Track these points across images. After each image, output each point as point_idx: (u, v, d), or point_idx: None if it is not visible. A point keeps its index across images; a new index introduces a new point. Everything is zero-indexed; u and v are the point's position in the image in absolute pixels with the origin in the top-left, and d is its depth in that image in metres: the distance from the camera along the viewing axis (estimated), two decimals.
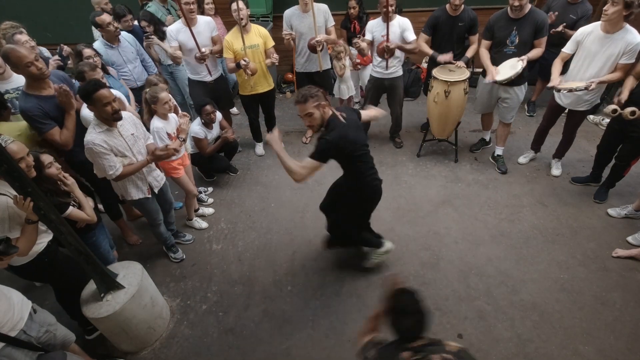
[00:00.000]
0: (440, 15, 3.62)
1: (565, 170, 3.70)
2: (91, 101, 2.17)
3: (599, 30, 2.84)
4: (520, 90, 3.42)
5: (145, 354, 2.47)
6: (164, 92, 2.82)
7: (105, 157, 2.26)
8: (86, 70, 2.66)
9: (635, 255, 2.78)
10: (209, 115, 3.44)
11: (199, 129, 3.45)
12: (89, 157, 2.31)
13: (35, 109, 2.38)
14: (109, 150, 2.27)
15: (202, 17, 3.62)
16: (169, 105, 2.85)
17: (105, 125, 2.28)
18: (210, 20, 3.70)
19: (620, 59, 2.80)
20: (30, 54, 2.32)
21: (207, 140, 3.51)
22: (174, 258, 3.07)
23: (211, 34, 3.63)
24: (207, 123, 3.49)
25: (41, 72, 2.37)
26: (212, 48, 3.61)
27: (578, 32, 2.98)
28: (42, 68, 2.38)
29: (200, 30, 3.47)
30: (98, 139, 2.23)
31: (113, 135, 2.32)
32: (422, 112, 4.62)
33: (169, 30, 3.54)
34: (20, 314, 1.81)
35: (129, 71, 3.62)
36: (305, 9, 3.60)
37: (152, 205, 2.73)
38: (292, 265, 2.99)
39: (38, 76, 2.38)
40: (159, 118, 2.85)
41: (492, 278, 2.76)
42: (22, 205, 1.76)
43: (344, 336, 2.47)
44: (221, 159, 3.81)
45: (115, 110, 2.23)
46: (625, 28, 2.75)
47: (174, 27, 3.53)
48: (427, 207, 3.42)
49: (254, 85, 3.67)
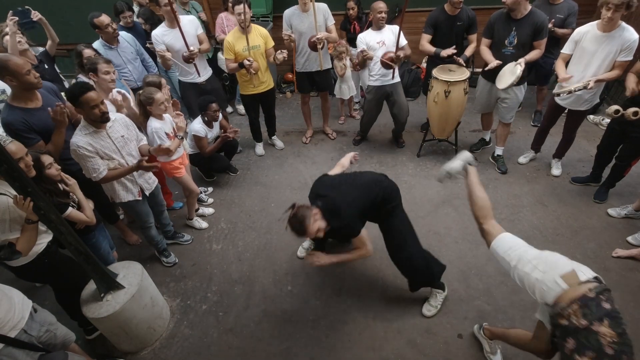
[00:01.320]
0: (438, 15, 3.62)
1: (565, 170, 3.70)
2: (79, 103, 2.16)
3: (596, 29, 2.85)
4: (519, 91, 3.41)
5: (145, 354, 2.47)
6: (159, 92, 2.79)
7: (89, 160, 2.25)
8: (99, 62, 2.65)
9: (635, 255, 2.78)
10: (215, 112, 3.40)
11: (200, 127, 3.42)
12: (74, 158, 2.31)
13: (19, 122, 2.29)
14: (93, 152, 2.26)
15: (186, 17, 3.59)
16: (165, 106, 2.84)
17: (92, 127, 2.27)
18: (194, 18, 3.67)
19: (618, 56, 2.82)
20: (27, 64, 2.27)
21: (207, 139, 3.50)
22: (166, 262, 3.06)
23: (196, 33, 3.59)
24: (208, 122, 3.47)
25: (38, 81, 2.32)
26: (200, 47, 3.56)
27: (575, 32, 2.98)
28: (39, 77, 2.34)
29: (185, 30, 3.39)
30: (82, 142, 2.22)
31: (100, 137, 2.31)
32: (422, 112, 4.62)
33: (154, 34, 3.45)
34: (21, 313, 1.82)
35: (130, 71, 3.61)
36: (305, 8, 3.60)
37: (142, 207, 2.71)
38: (292, 265, 2.99)
39: (35, 85, 2.31)
40: (155, 119, 2.83)
41: (492, 278, 2.76)
42: (22, 205, 1.76)
43: (344, 336, 2.47)
44: (221, 158, 3.80)
45: (103, 112, 2.22)
46: (622, 26, 2.76)
47: (158, 30, 3.45)
48: (427, 207, 3.42)
49: (258, 83, 3.67)
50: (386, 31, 3.54)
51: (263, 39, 3.57)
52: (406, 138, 4.36)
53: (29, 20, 3.28)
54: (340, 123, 4.82)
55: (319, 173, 3.13)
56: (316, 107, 4.84)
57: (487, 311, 2.54)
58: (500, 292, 2.66)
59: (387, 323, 2.52)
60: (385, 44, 3.52)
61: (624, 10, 2.63)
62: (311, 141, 4.49)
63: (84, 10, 5.07)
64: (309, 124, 4.49)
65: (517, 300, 2.59)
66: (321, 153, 4.29)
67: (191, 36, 3.51)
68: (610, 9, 2.65)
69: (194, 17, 3.69)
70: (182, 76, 3.76)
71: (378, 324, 2.52)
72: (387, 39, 3.52)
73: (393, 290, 2.72)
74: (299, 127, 4.73)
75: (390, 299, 2.67)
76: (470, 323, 2.48)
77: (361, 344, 2.42)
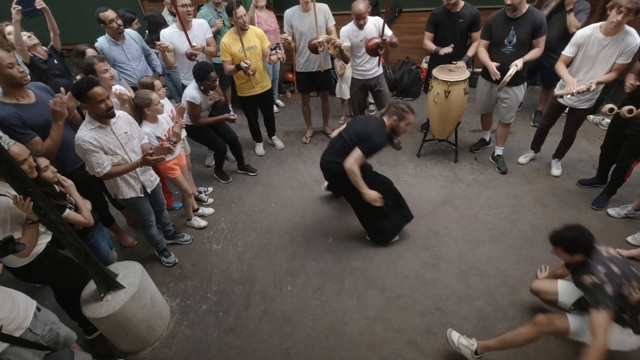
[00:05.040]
0: (439, 13, 3.61)
1: (565, 170, 3.70)
2: (85, 98, 2.17)
3: (599, 32, 2.84)
4: (519, 90, 3.42)
5: (145, 354, 2.47)
6: (154, 93, 2.78)
7: (93, 155, 2.25)
8: (95, 62, 2.65)
9: (635, 255, 2.77)
10: (214, 82, 3.19)
11: (196, 93, 3.18)
12: (78, 153, 2.31)
13: (12, 117, 2.24)
14: (98, 147, 2.26)
15: (197, 20, 3.61)
16: (162, 105, 2.83)
17: (97, 122, 2.27)
18: (204, 22, 3.69)
19: (617, 59, 2.83)
20: (10, 57, 2.20)
21: (201, 107, 3.28)
22: (166, 262, 3.06)
23: (205, 36, 3.62)
24: (205, 90, 3.24)
25: (23, 76, 2.26)
26: (205, 46, 3.58)
27: (578, 34, 2.98)
28: (24, 72, 2.29)
29: (195, 34, 3.42)
30: (87, 136, 2.23)
31: (105, 132, 2.32)
32: (422, 112, 4.62)
33: (163, 33, 3.48)
34: (25, 312, 1.82)
35: (132, 69, 3.61)
36: (306, 8, 3.60)
37: (144, 205, 2.71)
38: (292, 265, 2.99)
39: (18, 81, 2.24)
40: (147, 122, 2.81)
41: (492, 278, 2.76)
42: (22, 205, 1.76)
43: (344, 336, 2.47)
44: (219, 141, 3.64)
45: (109, 107, 2.24)
46: (626, 30, 2.76)
47: (168, 30, 3.49)
48: (427, 207, 3.42)
49: (255, 84, 3.67)
50: (368, 26, 3.49)
51: (259, 39, 3.57)
52: (406, 138, 4.35)
53: (32, 9, 3.27)
54: (340, 123, 4.81)
55: (319, 173, 3.14)
56: (316, 107, 4.84)
57: (487, 311, 2.54)
58: (500, 292, 2.66)
59: (387, 323, 2.52)
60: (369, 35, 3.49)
61: (633, 15, 2.62)
62: (311, 141, 4.49)
63: (84, 10, 5.09)
64: (309, 124, 4.49)
65: (517, 300, 2.59)
66: (321, 153, 4.25)
67: (201, 40, 3.54)
68: (621, 13, 2.62)
69: (204, 21, 3.71)
70: (186, 80, 3.75)
71: (378, 324, 2.52)
72: (368, 34, 3.47)
73: (393, 290, 2.73)
74: (299, 127, 4.74)
75: (390, 299, 2.67)
76: (471, 323, 2.48)
77: (361, 344, 2.42)
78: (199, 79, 3.18)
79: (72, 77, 3.44)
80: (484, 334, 2.41)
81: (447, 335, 2.31)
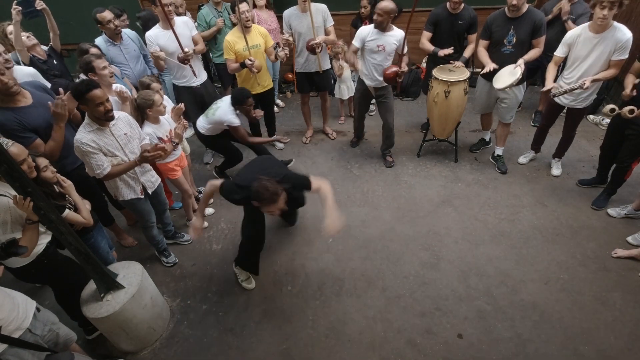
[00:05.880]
0: (440, 13, 3.61)
1: (565, 170, 3.70)
2: (84, 101, 2.17)
3: (588, 31, 2.85)
4: (519, 91, 3.42)
5: (145, 354, 2.47)
6: (156, 94, 2.77)
7: (92, 156, 2.25)
8: (93, 59, 2.64)
9: (635, 255, 2.78)
10: (251, 106, 3.27)
11: (234, 117, 3.24)
12: (78, 155, 2.31)
13: (11, 122, 2.21)
14: (97, 149, 2.26)
15: (180, 18, 3.51)
16: (164, 106, 2.83)
17: (96, 125, 2.27)
18: (188, 19, 3.61)
19: (612, 56, 2.82)
20: None
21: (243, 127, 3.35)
22: (166, 262, 3.05)
23: (191, 34, 3.53)
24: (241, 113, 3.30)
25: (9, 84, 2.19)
26: (195, 48, 3.50)
27: (567, 35, 2.99)
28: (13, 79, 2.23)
29: (179, 32, 3.30)
30: (86, 138, 2.23)
31: (104, 134, 2.31)
32: (422, 112, 4.62)
33: (148, 35, 3.38)
34: (25, 312, 1.82)
35: (131, 70, 3.60)
36: (304, 8, 3.59)
37: (144, 206, 2.71)
38: (292, 265, 2.99)
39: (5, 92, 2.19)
40: (149, 123, 2.81)
41: (492, 278, 2.76)
42: (22, 205, 1.76)
43: (344, 336, 2.47)
44: (238, 151, 3.68)
45: (108, 110, 2.23)
46: (614, 26, 2.76)
47: (153, 32, 3.37)
48: (427, 207, 3.42)
49: (259, 82, 3.66)
50: (389, 36, 3.31)
51: (263, 37, 3.57)
52: (406, 138, 4.36)
53: (32, 9, 3.27)
54: (340, 123, 4.82)
55: (319, 173, 3.14)
56: (316, 107, 4.84)
57: (487, 311, 2.55)
58: (500, 292, 2.66)
59: (387, 323, 2.52)
60: (386, 49, 3.34)
61: (617, 8, 2.63)
62: (311, 141, 4.49)
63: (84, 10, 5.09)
64: (309, 124, 4.49)
65: (517, 300, 2.60)
66: (321, 153, 4.29)
67: (185, 37, 3.43)
68: (605, 7, 2.64)
69: (188, 19, 3.64)
70: (177, 79, 3.67)
71: (378, 324, 2.52)
72: (387, 44, 3.32)
73: (393, 290, 2.73)
74: (299, 127, 4.73)
75: (390, 299, 2.67)
76: (471, 323, 2.48)
77: (361, 344, 2.42)
78: (237, 102, 3.24)
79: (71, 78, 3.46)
80: (484, 334, 2.42)
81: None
